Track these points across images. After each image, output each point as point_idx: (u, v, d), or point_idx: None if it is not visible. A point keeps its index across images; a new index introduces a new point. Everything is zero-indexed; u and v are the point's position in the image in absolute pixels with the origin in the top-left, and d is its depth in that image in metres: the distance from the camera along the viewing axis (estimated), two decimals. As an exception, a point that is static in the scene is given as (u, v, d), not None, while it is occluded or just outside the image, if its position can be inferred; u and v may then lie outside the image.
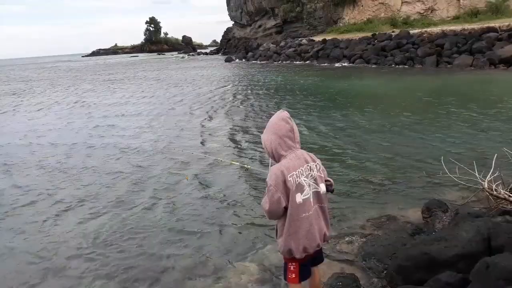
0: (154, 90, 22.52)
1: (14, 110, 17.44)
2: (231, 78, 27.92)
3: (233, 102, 16.22)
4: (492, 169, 4.85)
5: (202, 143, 9.63)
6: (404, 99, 14.62)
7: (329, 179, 2.75)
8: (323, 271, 3.38)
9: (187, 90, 21.25)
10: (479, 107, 11.61)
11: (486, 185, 4.61)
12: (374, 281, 3.44)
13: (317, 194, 2.59)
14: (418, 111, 11.73)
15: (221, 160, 6.53)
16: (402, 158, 7.35)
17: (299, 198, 2.49)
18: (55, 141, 10.51)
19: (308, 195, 2.52)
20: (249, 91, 19.35)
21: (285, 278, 2.74)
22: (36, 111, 16.52)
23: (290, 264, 2.66)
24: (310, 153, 2.70)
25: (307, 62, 34.47)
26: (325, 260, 3.17)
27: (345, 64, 30.34)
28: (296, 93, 17.71)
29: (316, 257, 2.77)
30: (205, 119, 12.77)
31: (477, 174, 4.90)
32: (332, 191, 2.80)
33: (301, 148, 2.66)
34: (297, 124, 2.67)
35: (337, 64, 30.72)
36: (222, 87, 22.24)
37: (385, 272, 3.44)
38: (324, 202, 2.64)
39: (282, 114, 2.62)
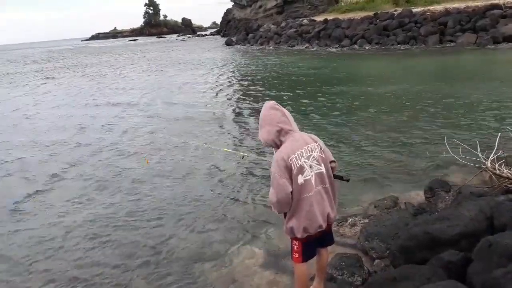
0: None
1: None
2: (229, 64, 27.62)
3: (229, 89, 16.11)
4: (495, 148, 4.84)
5: (207, 133, 9.60)
6: (407, 81, 14.43)
7: (333, 159, 2.75)
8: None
9: (180, 76, 21.08)
10: (483, 87, 11.49)
11: (489, 165, 4.62)
12: (377, 261, 3.48)
13: (320, 175, 2.59)
14: (421, 93, 11.62)
15: (226, 151, 6.47)
16: (405, 139, 7.33)
17: (300, 179, 2.51)
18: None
19: (309, 176, 2.53)
20: (246, 78, 19.20)
21: (292, 258, 2.80)
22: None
23: (294, 243, 2.71)
24: (311, 134, 2.70)
25: (307, 45, 33.76)
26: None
27: (345, 47, 29.70)
28: (295, 79, 17.51)
29: (325, 239, 2.80)
30: (199, 107, 12.44)
31: (480, 154, 4.90)
32: (347, 180, 2.85)
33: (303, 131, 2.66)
34: (298, 110, 2.67)
35: (333, 49, 29.96)
36: (219, 72, 22.05)
37: (387, 252, 3.47)
38: (328, 183, 2.63)
39: (269, 104, 2.65)
